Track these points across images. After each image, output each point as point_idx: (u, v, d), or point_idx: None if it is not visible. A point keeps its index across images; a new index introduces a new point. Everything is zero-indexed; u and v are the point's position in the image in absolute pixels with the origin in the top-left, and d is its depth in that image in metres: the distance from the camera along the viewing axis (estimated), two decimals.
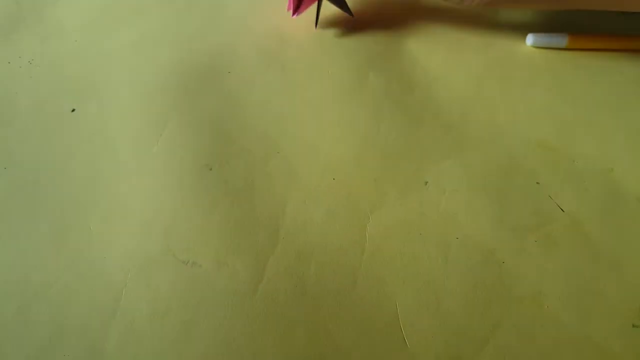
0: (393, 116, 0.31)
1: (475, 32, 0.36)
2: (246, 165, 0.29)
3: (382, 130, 0.31)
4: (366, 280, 0.25)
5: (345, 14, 0.35)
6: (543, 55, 0.36)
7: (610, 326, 0.24)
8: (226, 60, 0.34)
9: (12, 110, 0.31)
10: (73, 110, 0.31)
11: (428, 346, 0.23)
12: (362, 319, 0.24)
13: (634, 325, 0.24)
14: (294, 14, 0.35)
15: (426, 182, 0.28)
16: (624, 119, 0.32)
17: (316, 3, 0.35)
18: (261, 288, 0.24)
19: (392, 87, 0.33)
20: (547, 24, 0.37)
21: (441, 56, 0.35)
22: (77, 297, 0.23)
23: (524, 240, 0.26)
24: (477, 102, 0.33)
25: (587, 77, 0.34)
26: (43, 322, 0.23)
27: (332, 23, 0.36)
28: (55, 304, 0.23)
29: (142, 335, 0.23)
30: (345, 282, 0.24)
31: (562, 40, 0.35)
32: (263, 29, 0.36)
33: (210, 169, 0.28)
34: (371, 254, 0.25)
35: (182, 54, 0.34)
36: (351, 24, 0.36)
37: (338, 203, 0.27)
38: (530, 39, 0.36)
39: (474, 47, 0.36)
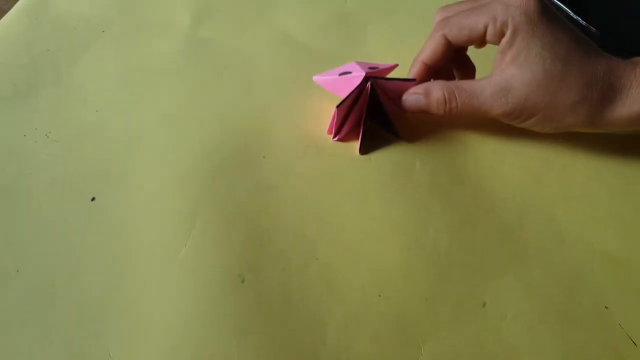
0: (443, 215, 0.28)
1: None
2: (282, 274, 0.26)
3: (432, 233, 0.28)
4: None
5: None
6: (607, 140, 0.33)
7: None
8: (261, 142, 0.31)
9: (27, 196, 0.28)
10: (93, 199, 0.28)
11: None
12: None
13: None
14: (334, 137, 0.32)
15: (484, 304, 0.25)
16: None
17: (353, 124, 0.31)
18: None
19: (440, 178, 0.30)
20: None
21: (493, 142, 0.32)
22: None
23: None
24: (536, 199, 0.30)
25: None
26: None
27: None
28: None
29: None
30: None
31: None
32: (300, 107, 0.33)
33: (243, 281, 0.25)
34: None
35: (213, 132, 0.31)
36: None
37: (385, 327, 0.24)
38: None
39: (530, 131, 0.33)
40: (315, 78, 0.32)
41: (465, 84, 0.28)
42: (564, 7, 0.40)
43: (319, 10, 0.40)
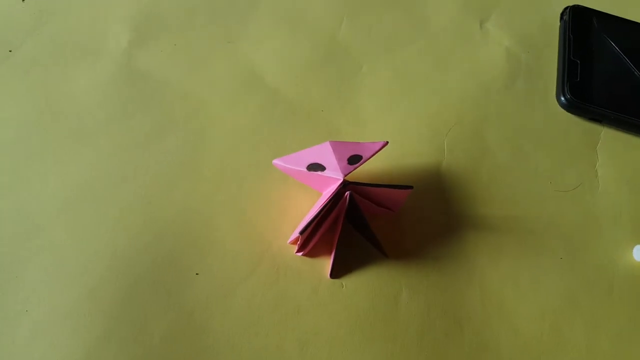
0: None
1: (558, 236, 0.25)
2: None
3: None
4: None
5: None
6: None
7: None
8: (195, 250, 0.23)
9: None
10: None
11: None
12: None
13: None
14: (299, 251, 0.23)
15: None
16: None
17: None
18: None
19: (432, 319, 0.22)
20: None
21: (509, 266, 0.24)
22: None
23: None
24: None
25: None
26: None
27: None
28: None
29: None
30: None
31: None
32: (257, 196, 0.25)
33: None
34: None
35: (132, 228, 0.23)
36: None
37: None
38: (639, 252, 0.25)
39: (556, 260, 0.25)
40: (275, 162, 0.23)
41: None
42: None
43: (302, 41, 0.30)
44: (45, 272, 0.22)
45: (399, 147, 0.27)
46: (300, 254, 0.23)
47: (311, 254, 0.23)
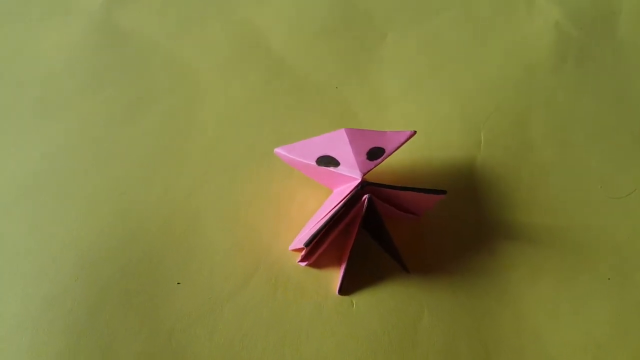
0: None
1: (607, 252, 0.21)
2: None
3: None
4: None
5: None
6: None
7: None
8: (177, 254, 0.19)
9: None
10: None
11: None
12: None
13: None
14: (302, 260, 0.19)
15: None
16: None
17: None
18: None
19: (457, 348, 0.19)
20: None
21: (549, 288, 0.20)
22: None
23: None
24: None
25: None
26: None
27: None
28: None
29: None
30: None
31: None
32: (253, 190, 0.21)
33: None
34: None
35: (99, 226, 0.19)
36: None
37: None
38: None
39: (603, 280, 0.21)
40: (278, 152, 0.19)
41: None
42: None
43: (316, 1, 0.25)
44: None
45: (425, 136, 0.23)
46: (304, 264, 0.19)
47: (317, 264, 0.20)
